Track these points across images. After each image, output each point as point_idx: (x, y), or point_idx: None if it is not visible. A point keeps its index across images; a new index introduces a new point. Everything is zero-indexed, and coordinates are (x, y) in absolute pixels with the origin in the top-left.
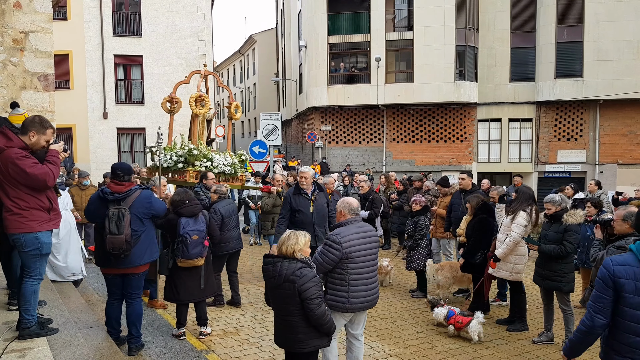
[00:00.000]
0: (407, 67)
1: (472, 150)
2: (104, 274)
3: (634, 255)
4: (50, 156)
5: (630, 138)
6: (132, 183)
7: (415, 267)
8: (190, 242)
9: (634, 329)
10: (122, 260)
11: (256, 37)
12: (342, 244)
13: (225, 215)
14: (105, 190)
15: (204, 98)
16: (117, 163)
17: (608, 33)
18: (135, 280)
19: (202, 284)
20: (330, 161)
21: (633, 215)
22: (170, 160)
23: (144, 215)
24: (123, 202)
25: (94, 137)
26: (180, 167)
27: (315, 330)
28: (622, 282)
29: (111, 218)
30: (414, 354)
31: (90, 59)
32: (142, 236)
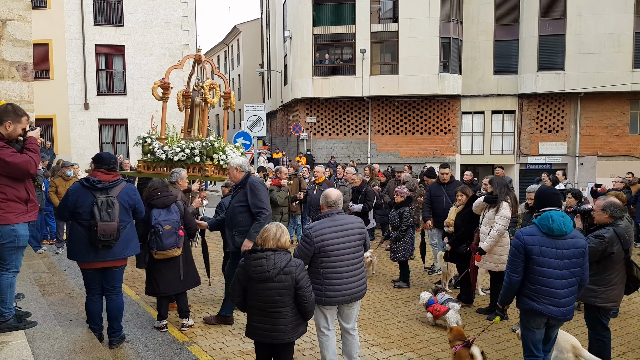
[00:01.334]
0: (392, 59)
1: (456, 142)
2: (83, 269)
3: (536, 227)
4: (29, 144)
5: (609, 130)
6: (117, 174)
7: (401, 258)
8: (163, 232)
9: (539, 280)
10: (107, 252)
11: (241, 27)
12: (314, 238)
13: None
14: (92, 179)
15: (215, 86)
16: (105, 153)
17: (589, 26)
18: (117, 273)
19: (182, 275)
20: (315, 153)
21: (613, 206)
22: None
23: (129, 206)
24: (110, 191)
25: (75, 128)
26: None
27: (300, 318)
28: (530, 248)
29: (101, 206)
30: (396, 343)
31: (70, 48)
32: (128, 227)
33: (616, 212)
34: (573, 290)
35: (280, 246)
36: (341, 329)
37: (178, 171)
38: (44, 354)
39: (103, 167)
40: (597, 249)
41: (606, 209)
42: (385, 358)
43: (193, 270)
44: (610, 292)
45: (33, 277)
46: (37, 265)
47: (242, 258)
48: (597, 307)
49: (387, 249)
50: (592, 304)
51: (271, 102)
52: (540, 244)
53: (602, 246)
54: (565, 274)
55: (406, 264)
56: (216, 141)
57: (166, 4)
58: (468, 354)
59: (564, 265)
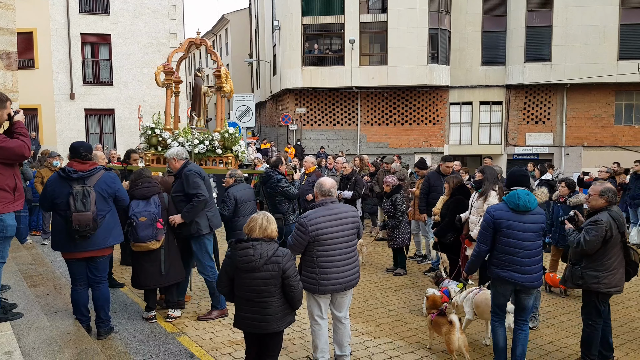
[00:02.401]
0: (381, 50)
1: (444, 133)
2: (67, 259)
3: (505, 204)
4: (19, 128)
5: (595, 121)
6: (95, 162)
7: (399, 245)
8: (137, 223)
9: (506, 250)
10: (88, 242)
11: (229, 17)
12: (309, 227)
13: (240, 200)
14: (67, 169)
15: (227, 74)
16: (78, 142)
17: (576, 18)
18: (101, 263)
19: (163, 270)
20: (304, 144)
21: (610, 191)
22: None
23: (108, 195)
24: (87, 181)
25: (61, 118)
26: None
27: (288, 307)
28: (499, 222)
29: (76, 196)
30: (385, 332)
31: (55, 37)
32: (107, 216)
33: (612, 197)
34: (537, 260)
35: (266, 236)
36: (333, 317)
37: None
38: (30, 346)
39: (77, 156)
40: (599, 235)
41: (604, 194)
42: (375, 346)
43: (177, 264)
44: (612, 276)
45: (19, 268)
46: (23, 256)
47: (229, 248)
48: (599, 293)
49: (377, 238)
50: (595, 290)
51: (260, 92)
52: (508, 218)
53: (602, 231)
54: (529, 245)
55: (403, 251)
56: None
57: None
58: (446, 321)
59: (528, 237)
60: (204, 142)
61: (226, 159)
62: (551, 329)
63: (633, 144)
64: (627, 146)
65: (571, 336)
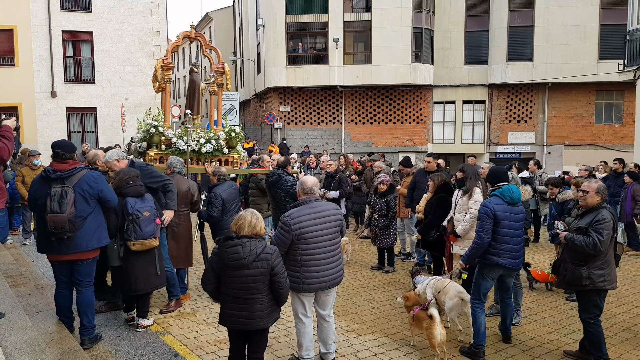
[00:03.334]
0: (365, 49)
1: (428, 131)
2: (50, 261)
3: (498, 197)
4: (4, 131)
5: (576, 120)
6: (77, 162)
7: (390, 244)
8: (143, 218)
9: (504, 239)
10: (67, 244)
11: (212, 15)
12: (292, 225)
13: (226, 199)
14: (48, 169)
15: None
16: (57, 140)
17: (557, 18)
18: (85, 266)
19: (159, 270)
20: (288, 142)
21: (604, 189)
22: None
23: (90, 195)
24: (67, 181)
25: (42, 116)
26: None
27: (274, 304)
28: (498, 214)
29: (53, 196)
30: (370, 329)
31: (36, 34)
32: (89, 219)
33: (605, 194)
34: (522, 246)
35: (255, 233)
36: (317, 315)
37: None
38: (12, 346)
39: (56, 156)
40: (610, 233)
41: (599, 192)
42: (360, 344)
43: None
44: (611, 271)
45: (0, 268)
46: (4, 256)
47: (216, 246)
48: (604, 290)
49: (362, 237)
50: (602, 289)
51: (244, 91)
52: (504, 210)
53: (610, 229)
54: (519, 233)
55: (392, 249)
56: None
57: None
58: (426, 315)
59: (518, 226)
60: (210, 141)
61: (232, 158)
62: (533, 324)
63: (613, 142)
64: (607, 145)
65: (553, 332)
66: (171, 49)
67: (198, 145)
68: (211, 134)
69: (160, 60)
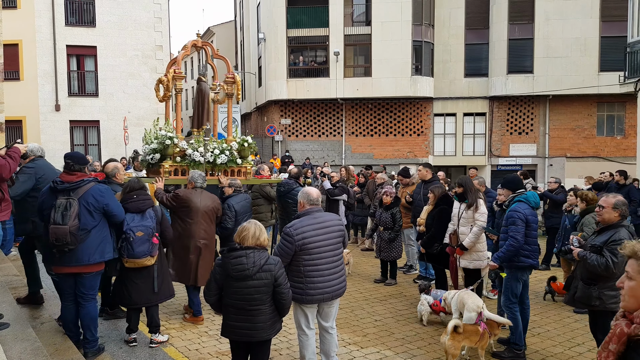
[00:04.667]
0: (365, 62)
1: (428, 143)
2: (55, 273)
3: (524, 203)
4: (12, 152)
5: (577, 132)
6: (85, 174)
7: (395, 257)
8: (134, 239)
9: (533, 241)
10: (69, 257)
11: (214, 29)
12: (295, 236)
13: (239, 211)
14: (56, 180)
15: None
16: (69, 152)
17: (557, 31)
18: (88, 280)
19: (156, 287)
20: (290, 155)
21: (623, 204)
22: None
23: (94, 209)
24: (73, 193)
25: (46, 130)
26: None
27: (277, 315)
28: (529, 218)
29: (58, 208)
30: (372, 342)
31: (41, 49)
32: (93, 232)
33: (625, 210)
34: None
35: (259, 244)
36: (320, 327)
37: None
38: (16, 356)
39: (65, 167)
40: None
41: (617, 207)
42: (362, 356)
43: (168, 281)
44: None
45: (4, 279)
46: (8, 268)
47: (219, 257)
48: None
49: (363, 249)
50: (613, 311)
51: (245, 103)
52: (532, 214)
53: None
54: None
55: (395, 263)
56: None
57: (139, 5)
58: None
59: (536, 228)
60: (224, 151)
61: (245, 169)
62: (537, 337)
63: (615, 154)
64: (609, 157)
65: (557, 345)
66: (181, 58)
67: (213, 156)
68: (224, 144)
69: (171, 71)
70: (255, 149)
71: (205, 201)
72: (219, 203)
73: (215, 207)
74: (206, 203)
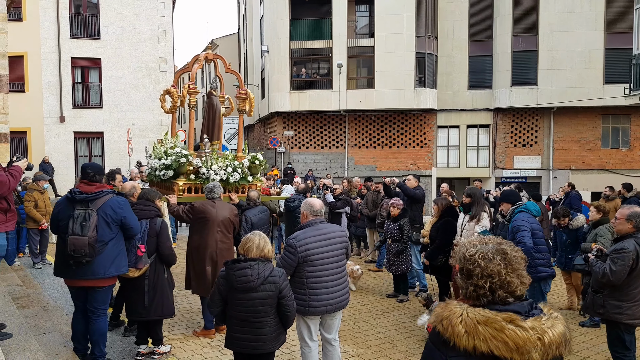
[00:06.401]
0: (368, 74)
1: (432, 155)
2: (67, 286)
3: (527, 213)
4: (13, 170)
5: (582, 144)
6: (104, 185)
7: (404, 271)
8: None
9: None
10: (84, 270)
11: (218, 41)
12: (298, 247)
13: (256, 223)
14: (74, 190)
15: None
16: (88, 162)
17: (561, 43)
18: (100, 294)
19: (146, 302)
20: (292, 166)
21: (638, 216)
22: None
23: (112, 221)
24: (91, 204)
25: (50, 141)
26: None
27: (281, 327)
28: (533, 226)
29: (76, 218)
30: (375, 354)
31: (46, 61)
32: (110, 244)
33: (638, 222)
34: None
35: (263, 256)
36: (322, 339)
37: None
38: None
39: (85, 177)
40: (626, 264)
41: (631, 219)
42: None
43: (164, 299)
44: (636, 307)
45: (7, 290)
46: (11, 278)
47: (224, 268)
48: (622, 323)
49: (366, 261)
50: (617, 321)
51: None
52: (535, 222)
53: (629, 260)
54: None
55: (406, 277)
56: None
57: (143, 17)
58: None
59: (542, 235)
60: (237, 169)
61: (255, 186)
62: None
63: (620, 167)
64: (614, 169)
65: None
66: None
67: (226, 175)
68: (235, 162)
69: (185, 87)
70: (266, 167)
71: (222, 211)
72: (236, 213)
73: (232, 217)
74: (223, 213)
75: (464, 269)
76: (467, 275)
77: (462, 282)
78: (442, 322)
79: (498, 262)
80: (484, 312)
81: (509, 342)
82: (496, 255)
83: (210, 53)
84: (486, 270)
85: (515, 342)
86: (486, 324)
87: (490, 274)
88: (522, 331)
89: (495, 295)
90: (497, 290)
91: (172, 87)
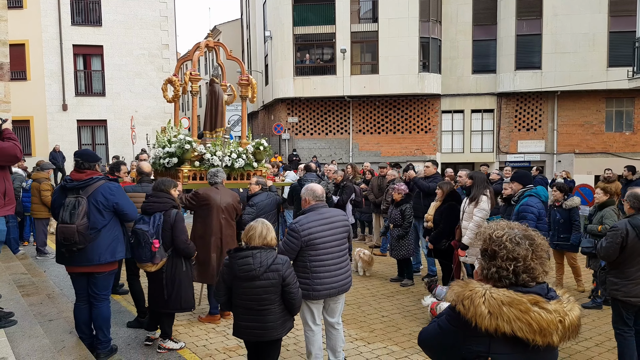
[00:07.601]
0: (372, 59)
1: (436, 141)
2: (68, 273)
3: (536, 197)
4: (8, 134)
5: (586, 128)
6: (95, 172)
7: (405, 255)
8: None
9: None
10: (79, 257)
11: (221, 27)
12: (301, 232)
13: (262, 209)
14: (66, 178)
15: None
16: (79, 150)
17: (565, 26)
18: (101, 279)
19: (166, 295)
20: (297, 153)
21: (635, 197)
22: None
23: (104, 207)
24: (82, 191)
25: (53, 129)
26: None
27: (287, 314)
28: (541, 212)
29: (66, 206)
30: (379, 337)
31: (47, 48)
32: (103, 231)
33: (636, 204)
34: None
35: (266, 244)
36: (326, 323)
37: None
38: (24, 353)
39: (75, 165)
40: (614, 242)
41: (628, 200)
42: (369, 352)
43: (182, 292)
44: (632, 286)
45: (12, 278)
46: (16, 266)
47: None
48: (619, 300)
49: (371, 246)
50: (615, 297)
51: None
52: (542, 208)
53: (617, 238)
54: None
55: (409, 261)
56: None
57: (145, 4)
58: None
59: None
60: (241, 155)
61: (260, 172)
62: None
63: (624, 150)
64: (618, 152)
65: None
66: (197, 59)
67: (231, 161)
68: (240, 148)
69: (187, 73)
70: (270, 153)
71: (225, 198)
72: (239, 200)
73: (235, 204)
74: (226, 199)
75: (489, 249)
76: (490, 256)
77: (484, 263)
78: (464, 302)
79: (526, 246)
80: (509, 292)
81: (533, 323)
82: (524, 240)
83: (211, 40)
84: (512, 253)
85: (539, 324)
86: (511, 305)
87: (516, 257)
88: (546, 313)
89: (518, 278)
90: (520, 274)
91: (173, 75)
